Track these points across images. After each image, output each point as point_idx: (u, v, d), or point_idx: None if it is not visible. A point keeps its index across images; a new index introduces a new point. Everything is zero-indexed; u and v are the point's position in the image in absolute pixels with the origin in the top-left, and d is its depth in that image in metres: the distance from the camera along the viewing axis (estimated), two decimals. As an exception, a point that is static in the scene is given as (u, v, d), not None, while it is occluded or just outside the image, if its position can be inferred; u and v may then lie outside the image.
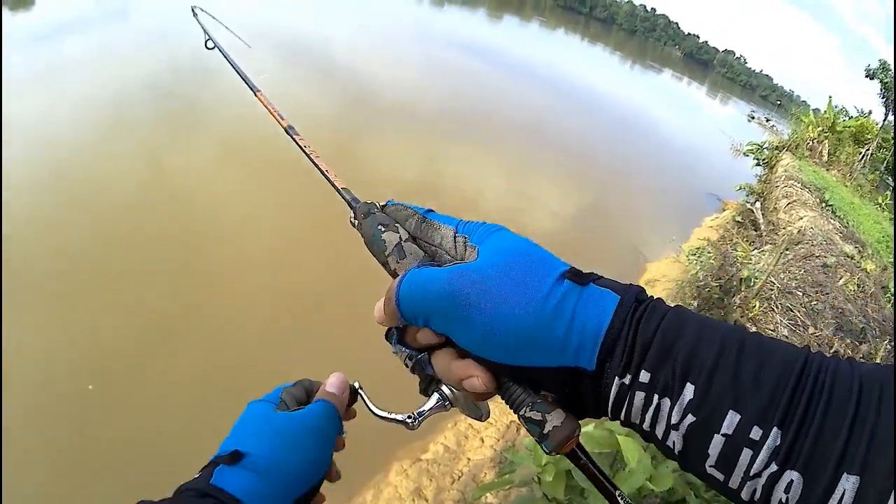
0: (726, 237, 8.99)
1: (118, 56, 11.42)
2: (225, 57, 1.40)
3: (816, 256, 6.70)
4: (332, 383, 0.74)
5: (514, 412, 0.53)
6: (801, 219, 8.35)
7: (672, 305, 0.48)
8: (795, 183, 10.62)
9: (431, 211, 0.63)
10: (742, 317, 5.19)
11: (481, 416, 0.66)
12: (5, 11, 12.39)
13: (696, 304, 5.95)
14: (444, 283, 0.50)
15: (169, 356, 4.87)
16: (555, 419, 0.50)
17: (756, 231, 9.04)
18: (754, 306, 5.23)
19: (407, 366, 0.65)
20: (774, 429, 0.39)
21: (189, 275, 5.78)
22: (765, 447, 0.39)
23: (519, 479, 2.26)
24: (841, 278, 6.21)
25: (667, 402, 0.43)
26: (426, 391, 0.66)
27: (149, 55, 11.68)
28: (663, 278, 7.90)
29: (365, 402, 0.73)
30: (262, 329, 5.38)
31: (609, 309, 0.47)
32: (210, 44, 1.56)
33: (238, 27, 1.69)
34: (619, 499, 0.50)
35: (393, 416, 0.67)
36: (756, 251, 7.35)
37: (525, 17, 62.11)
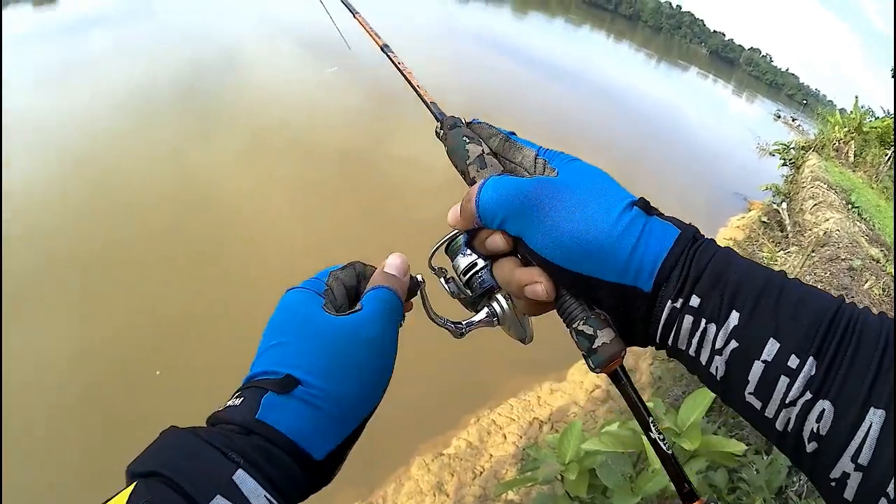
0: (752, 237, 8.89)
1: (142, 51, 11.52)
2: None
3: (842, 259, 6.61)
4: (392, 264, 0.64)
5: (567, 325, 0.56)
6: (828, 220, 8.23)
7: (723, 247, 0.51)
8: (822, 184, 10.46)
9: (514, 133, 0.65)
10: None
11: (525, 336, 0.70)
12: (29, 8, 12.55)
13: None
14: (525, 186, 0.54)
15: (193, 349, 4.93)
16: (605, 336, 0.53)
17: (782, 232, 8.93)
18: (779, 309, 5.18)
19: (452, 292, 0.70)
20: (810, 359, 0.42)
21: (214, 268, 5.83)
22: (801, 375, 0.42)
23: (542, 477, 2.26)
24: (867, 282, 6.13)
25: (713, 327, 0.46)
26: (475, 306, 0.69)
27: (173, 51, 11.76)
28: (688, 279, 7.85)
29: (424, 300, 0.68)
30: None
31: (670, 238, 0.50)
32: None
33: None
34: (650, 424, 0.53)
35: (444, 319, 0.67)
36: (782, 252, 7.27)
37: (550, 13, 61.68)
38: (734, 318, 0.45)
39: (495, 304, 0.67)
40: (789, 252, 7.24)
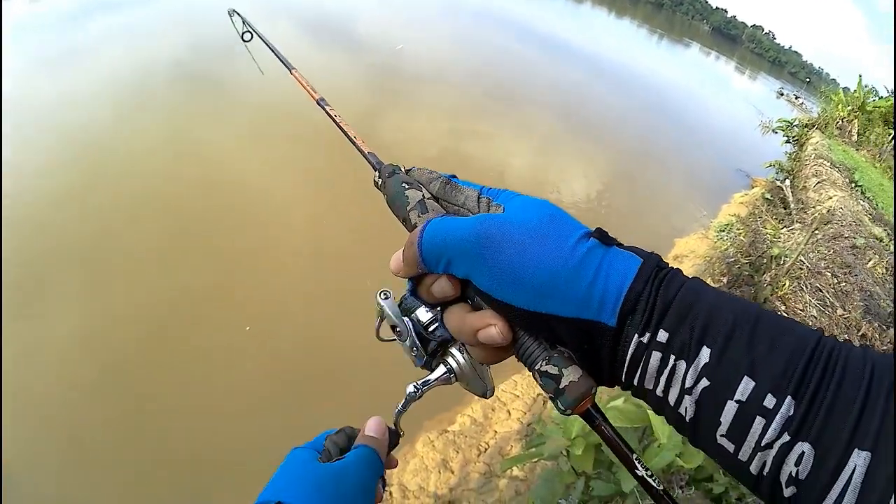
0: (756, 214, 8.89)
1: (146, 34, 11.44)
2: (264, 41, 1.59)
3: (845, 237, 6.62)
4: (371, 427, 0.79)
5: (529, 368, 0.52)
6: (831, 198, 8.23)
7: (691, 277, 0.48)
8: (825, 162, 10.45)
9: (454, 176, 0.63)
10: (772, 295, 5.15)
11: (486, 391, 0.68)
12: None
13: (725, 280, 5.90)
14: (470, 226, 0.51)
15: (199, 334, 4.94)
16: (572, 374, 0.49)
17: (785, 209, 8.93)
18: (784, 285, 5.19)
19: (405, 343, 0.67)
20: (788, 398, 0.40)
21: (220, 252, 5.83)
22: (778, 416, 0.40)
23: (548, 453, 2.28)
24: (870, 260, 6.14)
25: (682, 364, 0.44)
26: (429, 365, 0.68)
27: (178, 33, 11.69)
28: (691, 254, 7.85)
29: (394, 422, 0.81)
30: (298, 305, 5.44)
31: (633, 268, 0.47)
32: (248, 36, 1.79)
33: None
34: (635, 462, 0.49)
35: (402, 404, 0.73)
36: (785, 229, 7.28)
37: (550, -11, 61.25)
38: (705, 354, 0.43)
39: (451, 360, 0.66)
40: (792, 229, 7.24)
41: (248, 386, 4.57)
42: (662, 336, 0.44)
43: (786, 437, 0.39)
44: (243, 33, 1.77)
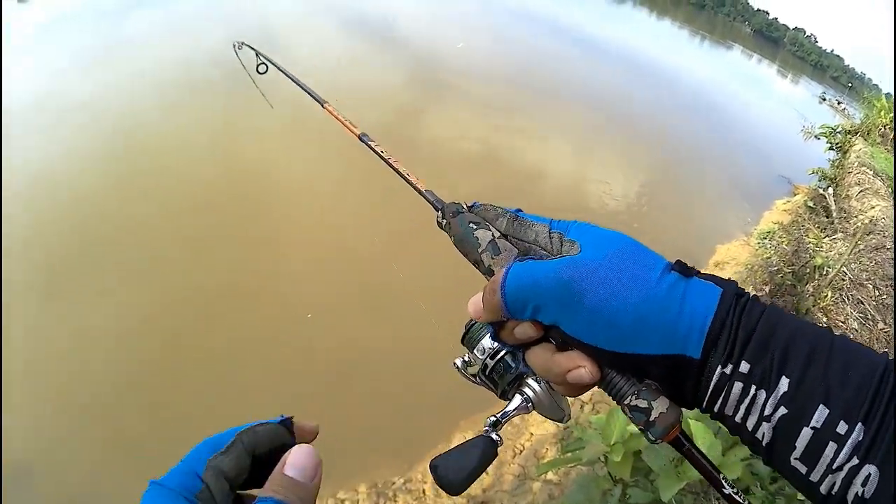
0: (798, 222, 8.75)
1: (181, 31, 11.60)
2: (287, 75, 1.40)
3: (887, 248, 6.50)
4: (296, 464, 0.44)
5: (618, 402, 0.54)
6: (874, 208, 8.05)
7: (767, 303, 0.50)
8: (868, 170, 10.22)
9: (520, 210, 0.63)
10: (814, 306, 5.09)
11: (563, 417, 0.67)
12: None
13: (767, 289, 5.83)
14: (557, 272, 0.51)
15: (228, 330, 5.03)
16: (660, 406, 0.51)
17: (828, 218, 8.77)
18: (826, 296, 5.12)
19: (473, 376, 0.67)
20: (859, 424, 0.42)
21: (251, 245, 5.92)
22: (849, 441, 0.42)
23: (586, 458, 2.28)
24: (912, 273, 6.02)
25: (762, 393, 0.46)
26: (505, 395, 0.66)
27: (212, 31, 11.81)
28: (732, 261, 7.78)
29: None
30: (323, 298, 5.53)
31: (714, 300, 0.49)
32: (262, 68, 1.64)
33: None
34: (723, 482, 0.51)
35: (475, 441, 0.59)
36: (827, 238, 7.16)
37: (590, -12, 60.59)
38: (784, 384, 0.45)
39: (528, 390, 0.64)
40: (835, 239, 7.12)
41: (282, 380, 4.65)
42: (744, 367, 0.47)
43: (855, 461, 0.42)
44: (257, 66, 1.66)
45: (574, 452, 2.39)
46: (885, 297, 5.35)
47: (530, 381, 0.65)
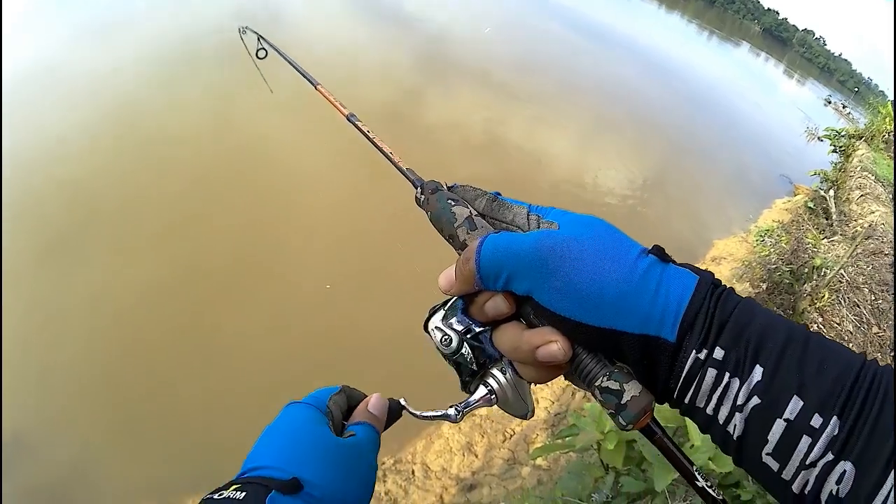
0: (797, 222, 8.77)
1: (184, 8, 11.52)
2: (284, 57, 1.44)
3: (885, 254, 6.51)
4: (374, 405, 0.73)
5: (587, 385, 0.52)
6: (873, 213, 8.07)
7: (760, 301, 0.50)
8: (870, 175, 10.23)
9: (499, 193, 0.62)
10: (810, 306, 5.10)
11: (527, 412, 0.66)
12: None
13: (764, 286, 5.84)
14: (532, 241, 0.51)
15: (229, 308, 5.03)
16: (632, 389, 0.49)
17: (827, 220, 8.78)
18: (823, 296, 5.14)
19: (447, 356, 0.64)
20: (834, 418, 0.41)
21: (254, 228, 5.91)
22: (823, 435, 0.41)
23: (579, 445, 2.30)
24: (908, 279, 6.04)
25: (736, 381, 0.45)
26: (468, 386, 0.65)
27: (215, 7, 11.73)
28: (730, 257, 7.80)
29: (410, 412, 0.73)
30: (325, 284, 5.52)
31: (690, 285, 0.48)
32: (262, 53, 1.67)
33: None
34: (695, 472, 0.50)
35: (436, 413, 0.66)
36: (826, 240, 7.18)
37: (600, -21, 60.31)
38: (758, 372, 0.44)
39: (492, 380, 0.62)
40: (833, 241, 7.14)
41: (281, 359, 4.66)
42: (719, 353, 0.45)
43: (829, 456, 0.41)
44: (257, 51, 1.68)
45: (567, 439, 2.41)
46: (880, 301, 5.37)
47: (495, 371, 0.63)
